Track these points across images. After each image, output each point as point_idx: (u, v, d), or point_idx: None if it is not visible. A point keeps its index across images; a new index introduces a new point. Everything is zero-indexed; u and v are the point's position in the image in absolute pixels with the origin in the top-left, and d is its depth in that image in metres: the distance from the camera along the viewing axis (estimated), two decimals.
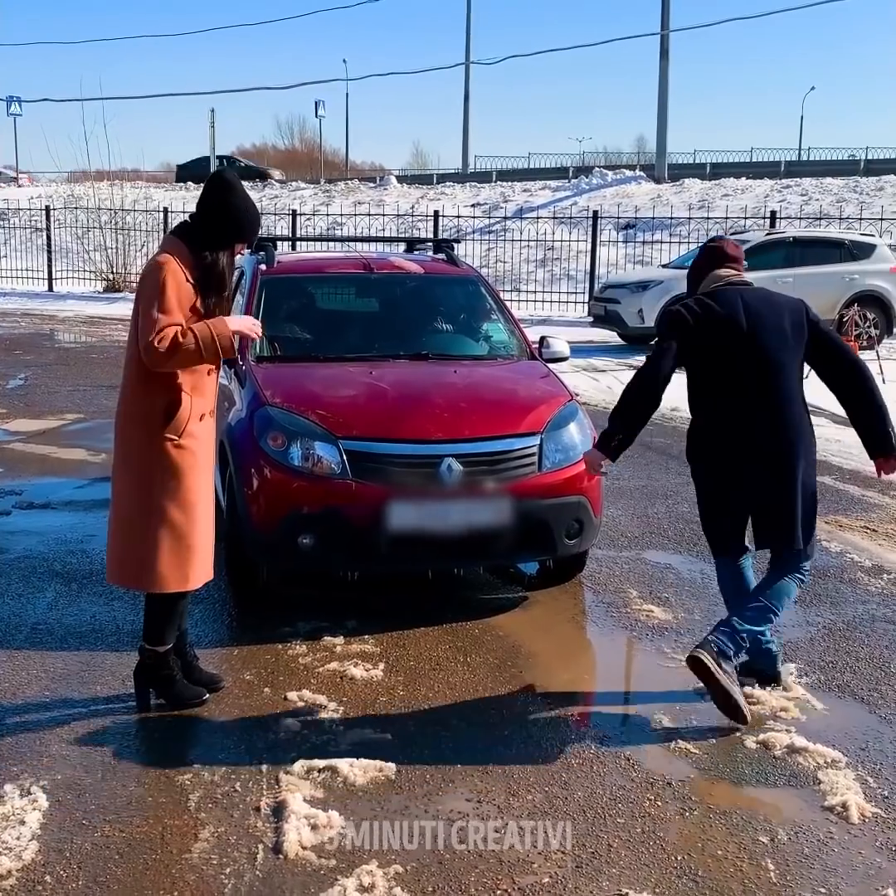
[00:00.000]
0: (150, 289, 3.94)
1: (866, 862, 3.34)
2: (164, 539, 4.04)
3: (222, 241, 4.09)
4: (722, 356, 4.32)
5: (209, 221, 4.08)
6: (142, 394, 4.06)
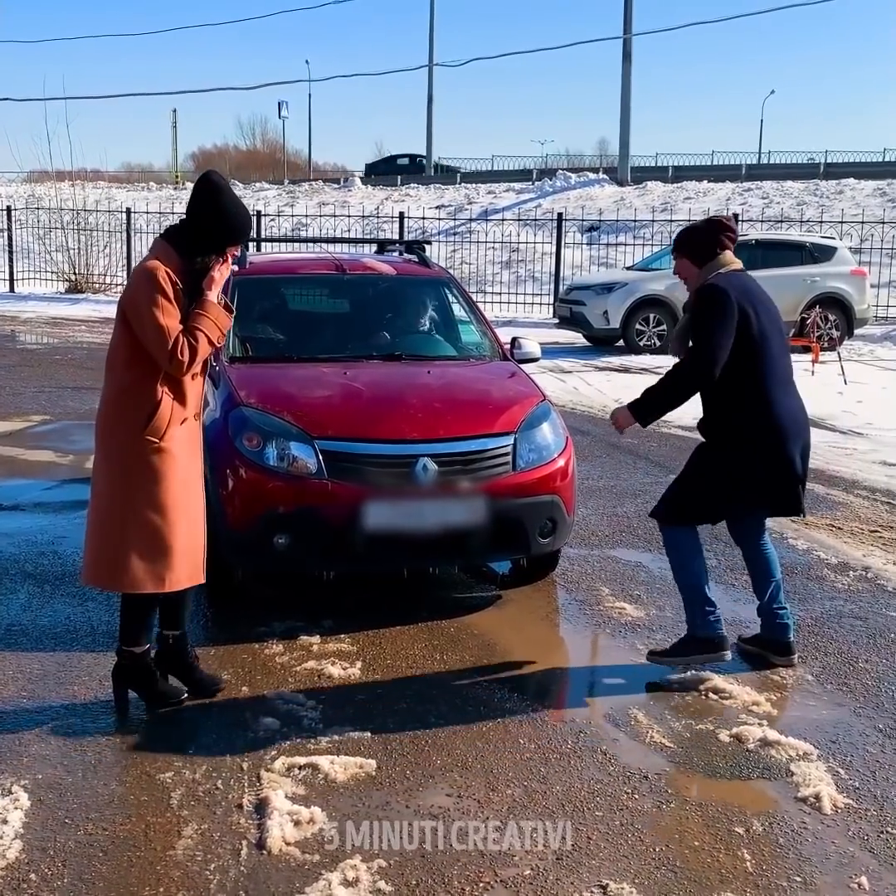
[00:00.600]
0: (148, 296, 3.91)
1: (840, 851, 3.41)
2: (139, 540, 4.04)
3: (214, 244, 4.03)
4: (759, 337, 4.47)
5: (200, 225, 4.01)
6: (125, 397, 4.05)
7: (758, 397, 4.48)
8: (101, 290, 24.62)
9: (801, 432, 4.60)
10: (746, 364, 4.47)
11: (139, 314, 3.94)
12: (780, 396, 4.53)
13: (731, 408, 4.52)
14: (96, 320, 20.53)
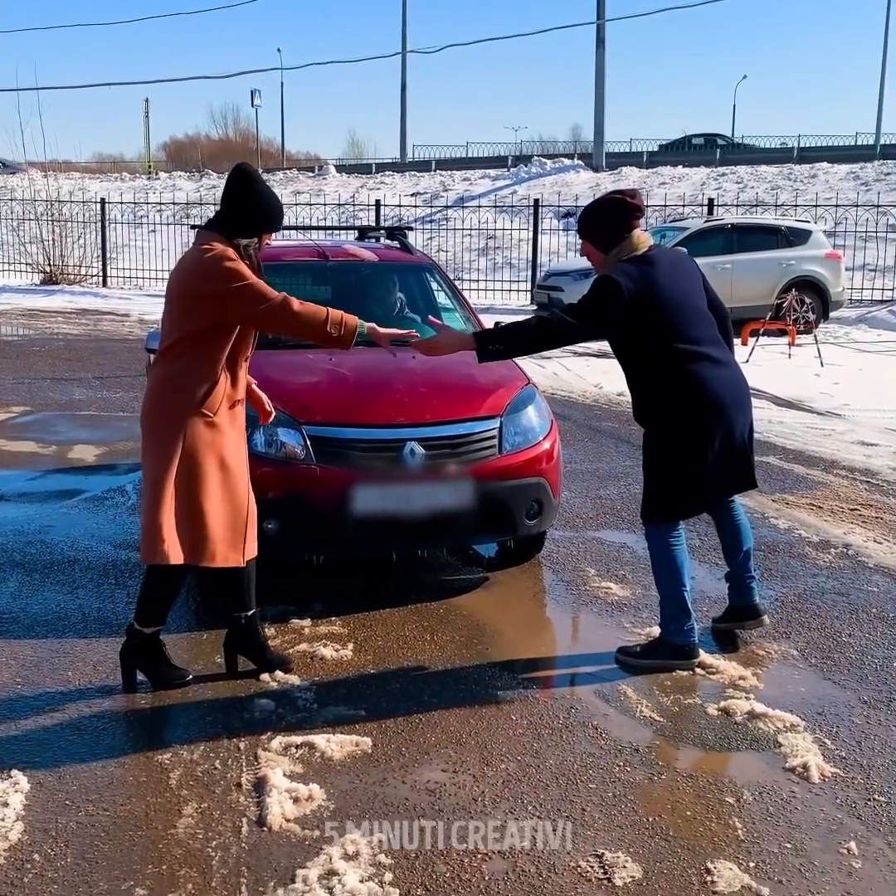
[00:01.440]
0: (226, 269, 3.97)
1: (829, 818, 3.49)
2: (176, 513, 4.07)
3: (253, 231, 4.12)
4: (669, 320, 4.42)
5: (241, 212, 4.10)
6: (182, 379, 4.08)
7: (678, 381, 4.41)
8: (76, 281, 24.48)
9: (739, 402, 4.54)
10: (655, 352, 4.43)
11: (226, 288, 3.97)
12: (707, 371, 4.44)
13: (656, 395, 4.48)
14: (72, 311, 20.46)
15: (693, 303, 4.55)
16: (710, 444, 4.46)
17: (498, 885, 3.10)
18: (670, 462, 4.53)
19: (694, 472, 4.49)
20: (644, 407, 4.58)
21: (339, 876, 3.11)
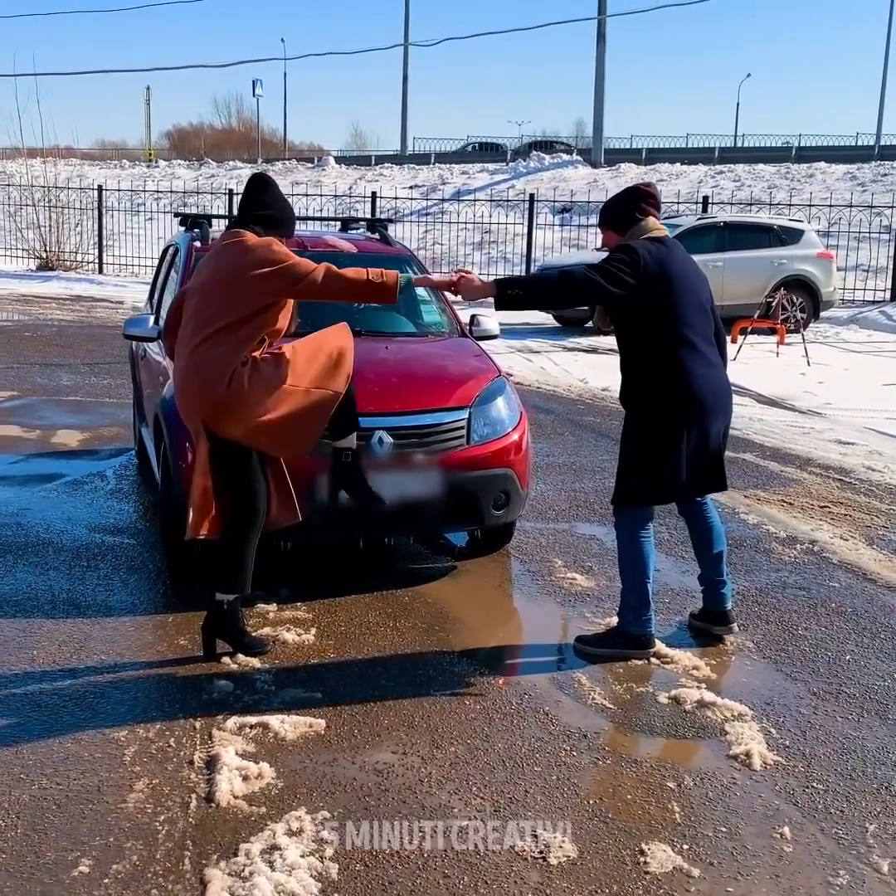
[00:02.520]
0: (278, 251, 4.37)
1: (766, 804, 3.57)
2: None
3: (283, 230, 4.61)
4: (671, 305, 4.50)
5: (274, 213, 4.55)
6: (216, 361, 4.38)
7: (670, 365, 4.49)
8: (72, 267, 24.54)
9: (719, 405, 4.61)
10: (656, 330, 4.51)
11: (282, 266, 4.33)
12: (695, 366, 4.51)
13: (645, 376, 4.56)
14: (67, 298, 20.52)
15: (698, 297, 4.64)
16: (683, 437, 4.53)
17: (436, 861, 3.18)
18: (644, 447, 4.60)
19: (665, 460, 4.55)
20: (630, 388, 4.66)
21: (280, 850, 3.18)
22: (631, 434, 4.67)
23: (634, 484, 4.66)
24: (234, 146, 72.85)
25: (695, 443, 4.56)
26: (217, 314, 4.38)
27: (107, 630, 4.83)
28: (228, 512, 4.50)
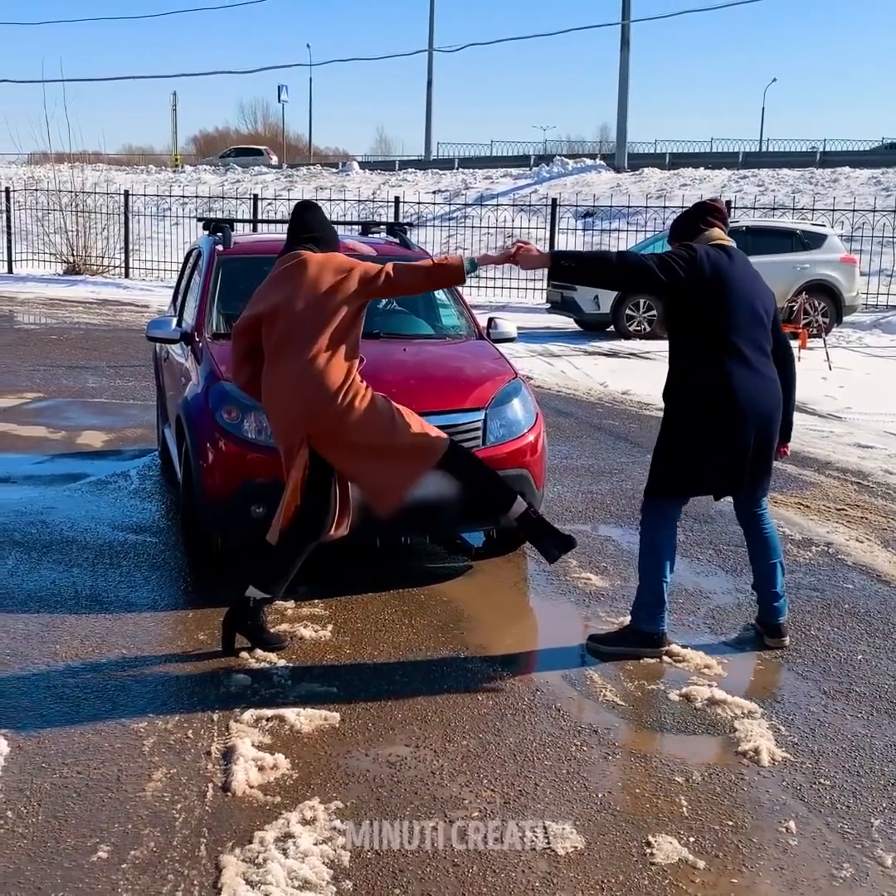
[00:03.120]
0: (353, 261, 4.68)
1: (772, 799, 3.62)
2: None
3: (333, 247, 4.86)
4: (722, 309, 4.56)
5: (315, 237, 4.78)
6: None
7: (710, 364, 4.55)
8: (98, 271, 24.79)
9: (755, 410, 4.63)
10: (702, 329, 4.57)
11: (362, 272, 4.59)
12: (736, 369, 4.56)
13: (687, 372, 4.62)
14: (93, 301, 20.75)
15: (752, 305, 4.66)
16: (715, 436, 4.57)
17: (445, 850, 3.25)
18: (676, 440, 4.66)
19: (693, 455, 4.61)
20: (672, 383, 4.72)
21: (294, 838, 3.26)
22: (666, 427, 4.74)
23: (664, 474, 4.74)
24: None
25: (727, 443, 4.59)
26: (315, 331, 4.52)
27: (128, 625, 4.93)
28: (297, 520, 4.58)
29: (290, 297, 4.59)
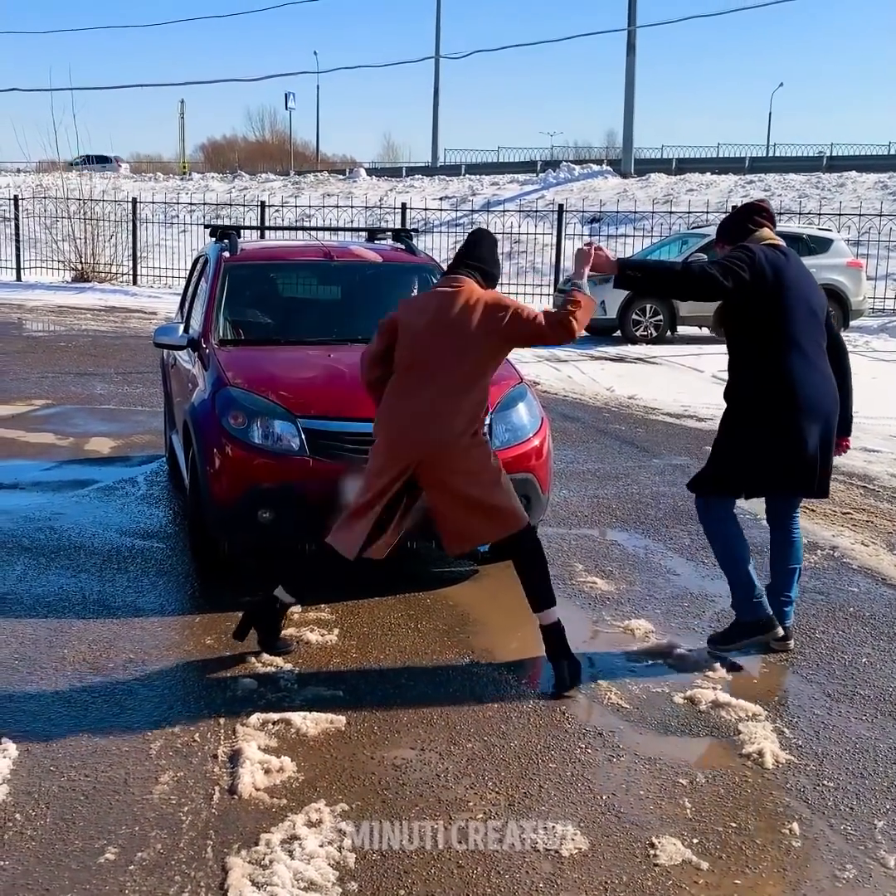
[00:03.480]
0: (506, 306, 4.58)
1: (776, 801, 3.63)
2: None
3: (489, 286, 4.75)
4: (781, 307, 4.57)
5: (486, 270, 4.76)
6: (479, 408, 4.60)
7: (773, 364, 4.55)
8: (106, 279, 24.87)
9: (819, 410, 4.60)
10: (764, 329, 4.57)
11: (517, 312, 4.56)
12: (798, 368, 4.55)
13: (748, 373, 4.63)
14: (101, 309, 20.81)
15: (810, 304, 4.67)
16: (776, 436, 4.58)
17: (449, 851, 3.27)
18: (737, 440, 4.67)
19: (753, 455, 4.62)
20: (733, 384, 4.73)
21: (300, 840, 3.29)
22: (726, 427, 4.75)
23: (722, 473, 4.74)
24: (268, 159, 73.43)
25: (791, 442, 4.58)
26: (455, 363, 4.48)
27: (135, 630, 4.96)
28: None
29: (437, 320, 4.52)
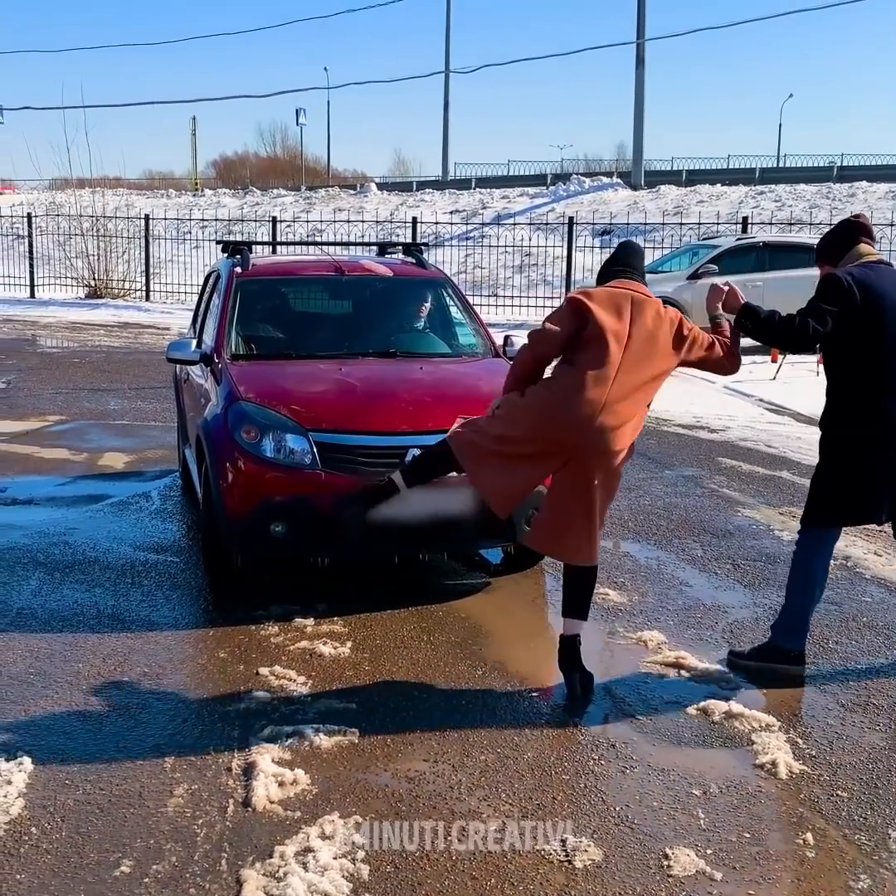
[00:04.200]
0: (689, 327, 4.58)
1: (790, 812, 3.63)
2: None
3: None
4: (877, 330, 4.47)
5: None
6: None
7: (868, 390, 4.49)
8: (119, 295, 24.99)
9: None
10: (859, 352, 4.50)
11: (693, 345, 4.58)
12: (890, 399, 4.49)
13: (844, 396, 4.57)
14: (114, 324, 20.91)
15: None
16: (877, 463, 4.52)
17: (463, 864, 3.27)
18: (838, 468, 4.60)
19: (854, 483, 4.55)
20: (831, 410, 4.65)
21: (314, 853, 3.30)
22: (825, 456, 4.68)
23: (822, 503, 4.69)
24: (279, 174, 73.76)
25: (889, 469, 4.53)
26: (648, 373, 4.47)
27: (149, 644, 4.98)
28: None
29: (639, 323, 4.47)
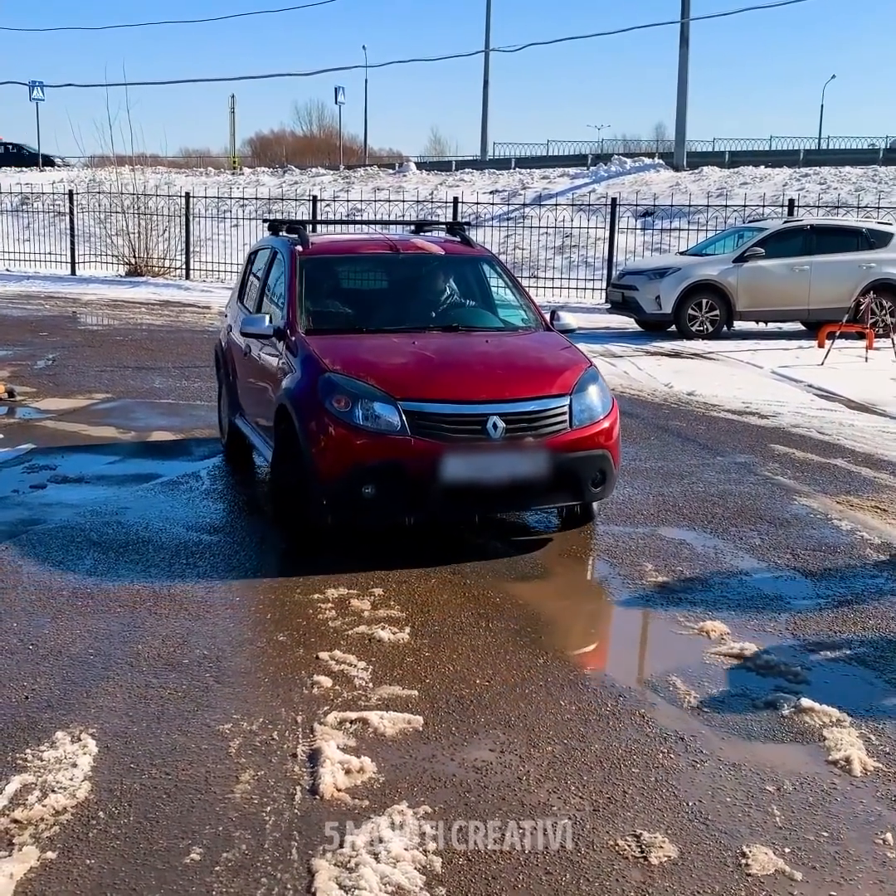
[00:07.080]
0: None
1: (867, 810, 3.54)
2: None
3: None
4: None
5: None
6: None
7: None
8: (160, 273, 25.04)
9: None
10: None
11: None
12: None
13: None
14: (155, 303, 20.94)
15: None
16: None
17: (537, 857, 3.22)
18: None
19: None
20: None
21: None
22: None
23: None
24: (315, 153, 73.62)
25: None
26: None
27: (207, 625, 4.95)
28: None
29: None
